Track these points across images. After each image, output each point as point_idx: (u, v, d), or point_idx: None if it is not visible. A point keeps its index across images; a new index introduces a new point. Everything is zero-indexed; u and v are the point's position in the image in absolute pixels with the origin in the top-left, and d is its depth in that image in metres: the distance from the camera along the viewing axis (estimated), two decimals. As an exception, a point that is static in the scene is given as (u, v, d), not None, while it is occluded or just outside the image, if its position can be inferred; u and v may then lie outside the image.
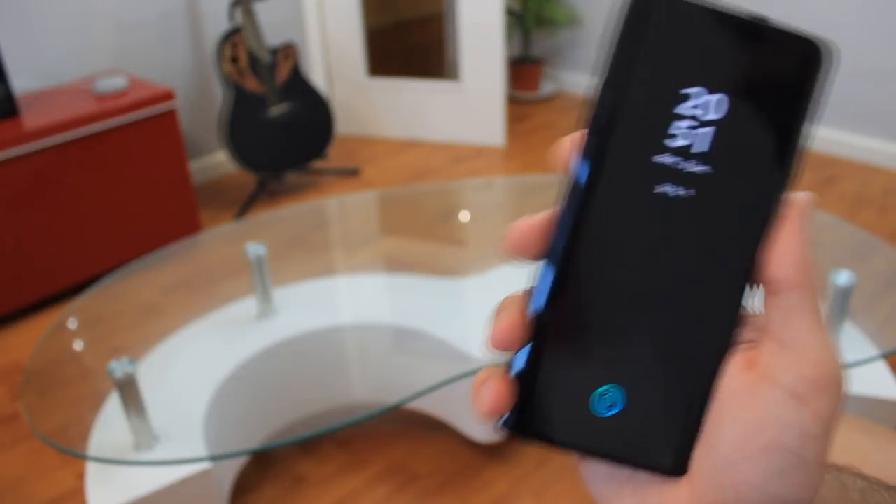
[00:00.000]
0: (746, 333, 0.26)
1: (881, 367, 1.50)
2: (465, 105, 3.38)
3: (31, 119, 2.23)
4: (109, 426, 1.42)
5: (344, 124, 3.49)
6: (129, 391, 1.30)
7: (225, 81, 2.71)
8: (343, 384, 1.76)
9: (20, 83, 2.45)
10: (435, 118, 3.45)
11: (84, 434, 1.41)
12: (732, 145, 0.25)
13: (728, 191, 0.25)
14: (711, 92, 0.24)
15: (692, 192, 0.25)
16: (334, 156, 3.28)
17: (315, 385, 1.73)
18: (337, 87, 3.49)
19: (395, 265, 2.04)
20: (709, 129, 0.24)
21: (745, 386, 0.25)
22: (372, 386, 1.75)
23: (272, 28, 3.03)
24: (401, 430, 1.83)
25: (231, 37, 2.69)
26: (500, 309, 0.27)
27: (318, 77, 3.40)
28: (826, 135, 3.19)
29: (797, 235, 0.25)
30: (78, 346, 1.76)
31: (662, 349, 0.26)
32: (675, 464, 0.26)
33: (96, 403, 1.49)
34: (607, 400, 0.26)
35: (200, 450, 1.36)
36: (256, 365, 1.60)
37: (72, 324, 1.77)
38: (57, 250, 2.31)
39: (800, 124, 0.25)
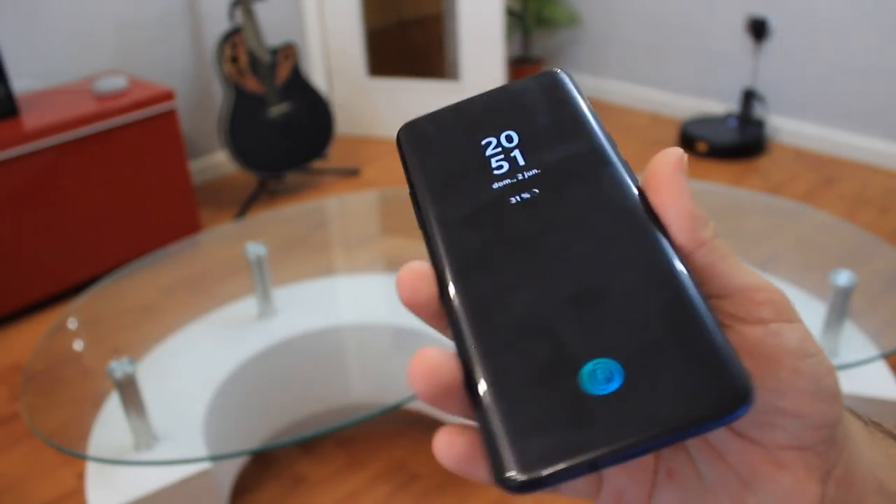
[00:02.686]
0: None
1: (881, 367, 1.50)
2: (465, 105, 3.38)
3: (31, 119, 2.23)
4: (109, 426, 1.42)
5: (344, 124, 3.49)
6: (129, 391, 1.30)
7: (225, 81, 2.71)
8: (343, 384, 1.76)
9: (20, 83, 2.45)
10: (435, 118, 3.44)
11: (84, 434, 1.41)
12: (540, 148, 0.28)
13: (566, 172, 0.27)
14: (499, 134, 0.29)
15: (536, 189, 0.27)
16: (334, 156, 3.28)
17: (315, 385, 1.73)
18: (337, 87, 3.49)
19: (395, 265, 2.04)
20: (517, 150, 0.28)
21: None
22: (372, 386, 1.75)
23: (272, 28, 3.03)
24: (401, 430, 1.83)
25: (231, 37, 2.69)
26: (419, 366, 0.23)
27: (318, 77, 3.40)
28: (826, 135, 3.19)
29: (675, 199, 0.25)
30: (78, 346, 1.76)
31: (616, 301, 0.23)
32: (738, 388, 0.21)
33: (96, 403, 1.49)
34: (599, 374, 0.22)
35: (200, 450, 1.36)
36: (256, 365, 1.60)
37: (72, 324, 1.77)
38: (57, 250, 2.31)
39: (576, 118, 0.29)
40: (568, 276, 0.24)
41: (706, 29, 3.41)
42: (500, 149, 0.28)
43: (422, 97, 3.44)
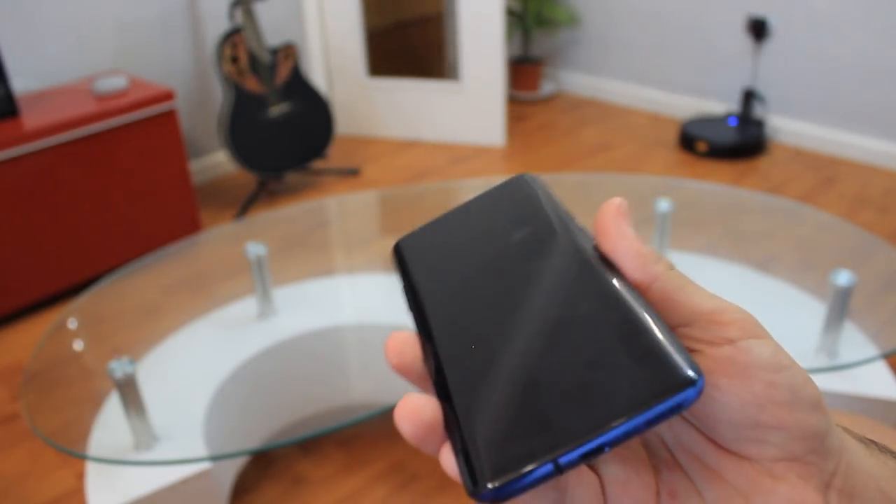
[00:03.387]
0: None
1: (881, 367, 1.50)
2: (465, 105, 3.38)
3: (31, 119, 2.23)
4: (109, 426, 1.42)
5: (344, 124, 3.49)
6: (129, 391, 1.30)
7: (225, 81, 2.71)
8: (343, 384, 1.76)
9: (20, 83, 2.45)
10: (435, 118, 3.45)
11: (84, 434, 1.41)
12: (522, 245, 0.31)
13: (535, 254, 0.30)
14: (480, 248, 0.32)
15: (506, 265, 0.30)
16: (334, 156, 3.28)
17: (315, 385, 1.73)
18: (337, 87, 3.49)
19: (395, 265, 2.03)
20: (496, 258, 0.32)
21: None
22: (372, 386, 1.75)
23: (272, 28, 3.03)
24: (401, 430, 1.82)
25: (231, 37, 2.69)
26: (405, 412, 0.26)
27: (318, 77, 3.40)
28: (826, 135, 3.19)
29: (621, 241, 0.27)
30: (78, 346, 1.76)
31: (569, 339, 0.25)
32: (681, 374, 0.23)
33: (96, 403, 1.49)
34: (555, 388, 0.24)
35: (200, 450, 1.36)
36: (256, 365, 1.60)
37: (72, 324, 1.77)
38: (57, 250, 2.31)
39: (544, 218, 0.31)
40: (530, 318, 0.27)
41: (706, 29, 3.41)
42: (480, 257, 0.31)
43: (422, 97, 3.44)
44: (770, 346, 0.25)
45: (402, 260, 0.34)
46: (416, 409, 0.25)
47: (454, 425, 0.25)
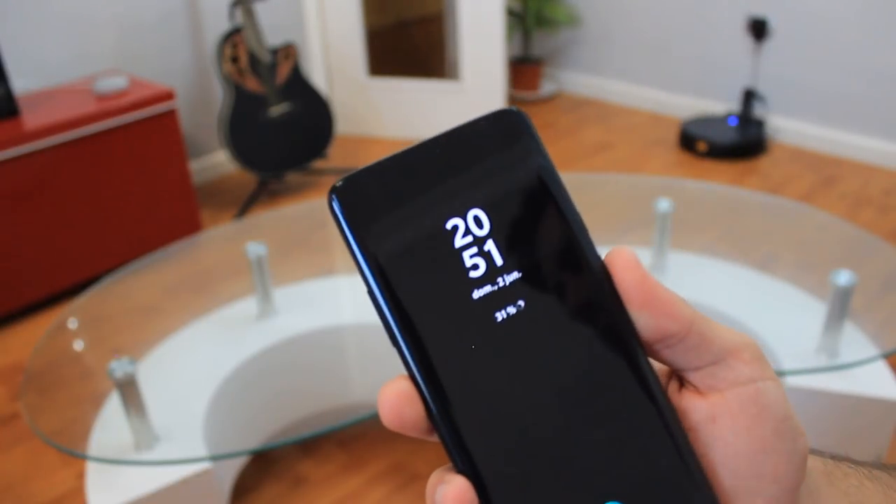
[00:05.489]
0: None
1: (881, 367, 1.50)
2: (465, 105, 3.38)
3: (31, 119, 2.23)
4: (109, 426, 1.41)
5: (344, 124, 3.49)
6: (129, 391, 1.30)
7: (225, 81, 2.71)
8: (343, 384, 1.76)
9: (20, 83, 2.45)
10: (435, 118, 3.45)
11: (84, 434, 1.41)
12: (517, 238, 0.25)
13: (548, 278, 0.25)
14: (463, 214, 0.25)
15: (522, 301, 0.25)
16: (334, 156, 3.28)
17: (315, 385, 1.73)
18: (337, 87, 3.49)
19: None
20: (490, 242, 0.25)
21: (714, 405, 0.26)
22: (372, 386, 1.75)
23: (272, 28, 3.03)
24: (401, 430, 1.83)
25: (231, 37, 2.69)
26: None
27: (318, 77, 3.40)
28: (826, 135, 3.19)
29: (646, 290, 0.25)
30: (78, 346, 1.76)
31: (606, 437, 0.25)
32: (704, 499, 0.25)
33: (96, 403, 1.49)
34: None
35: (200, 450, 1.36)
36: (256, 365, 1.60)
37: (72, 324, 1.77)
38: (57, 250, 2.31)
39: (552, 181, 0.26)
40: (560, 405, 0.25)
41: (706, 29, 3.41)
42: (470, 238, 0.25)
43: (422, 97, 3.44)
44: (781, 390, 0.26)
45: (358, 233, 0.25)
46: (399, 401, 0.25)
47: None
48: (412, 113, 3.47)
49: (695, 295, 1.71)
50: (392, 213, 0.25)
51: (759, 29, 3.18)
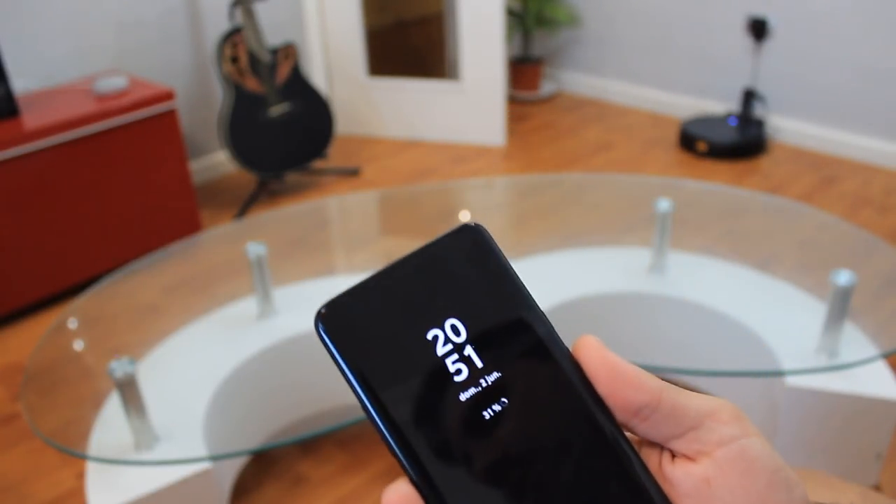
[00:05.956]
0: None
1: (881, 367, 1.50)
2: (465, 105, 3.38)
3: (31, 119, 2.23)
4: (109, 426, 1.42)
5: (344, 124, 3.49)
6: (129, 391, 1.30)
7: (225, 81, 2.71)
8: (343, 384, 1.76)
9: (20, 83, 2.45)
10: (435, 118, 3.45)
11: (84, 434, 1.41)
12: (491, 341, 0.27)
13: (525, 374, 0.27)
14: (441, 324, 0.27)
15: (505, 399, 0.27)
16: (334, 156, 3.28)
17: (315, 385, 1.73)
18: (337, 87, 3.49)
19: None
20: (469, 347, 0.27)
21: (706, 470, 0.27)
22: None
23: (272, 28, 3.03)
24: (401, 430, 1.82)
25: (231, 37, 2.69)
26: None
27: (318, 77, 3.40)
28: (826, 135, 3.19)
29: (609, 367, 0.27)
30: (78, 346, 1.76)
31: None
32: None
33: (96, 403, 1.49)
34: None
35: (200, 450, 1.36)
36: (256, 365, 1.60)
37: (72, 324, 1.77)
38: (57, 250, 2.31)
39: (511, 286, 0.28)
40: (550, 492, 0.27)
41: (706, 29, 3.41)
42: (450, 346, 0.27)
43: (422, 97, 3.44)
44: (767, 445, 0.27)
45: (348, 352, 0.27)
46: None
47: None
48: (412, 113, 3.47)
49: (695, 295, 1.72)
50: (376, 330, 0.27)
51: (759, 29, 3.18)
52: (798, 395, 1.45)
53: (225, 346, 1.62)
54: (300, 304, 1.74)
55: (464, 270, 0.28)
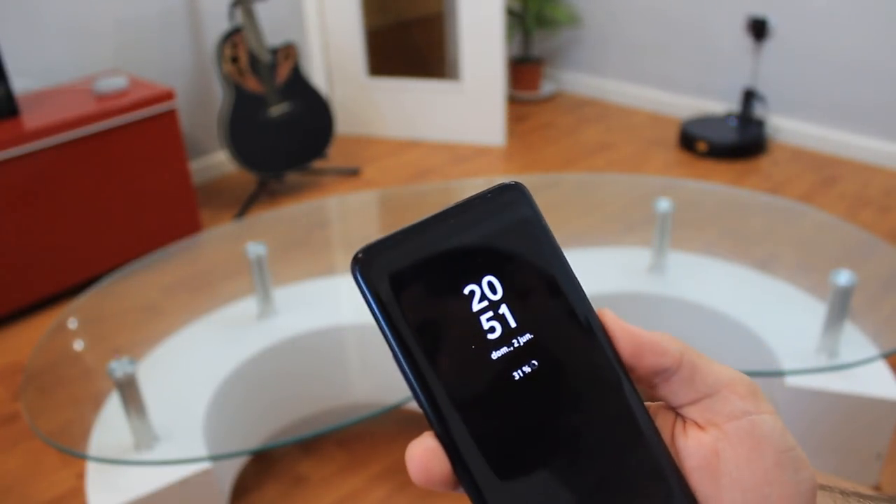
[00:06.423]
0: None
1: (881, 367, 1.50)
2: (465, 105, 3.38)
3: (31, 119, 2.23)
4: (109, 426, 1.42)
5: (344, 124, 3.49)
6: (129, 391, 1.30)
7: (225, 81, 2.71)
8: (343, 384, 1.76)
9: (20, 83, 2.45)
10: (435, 118, 3.45)
11: (84, 434, 1.41)
12: (526, 302, 0.28)
13: (556, 337, 0.28)
14: (478, 280, 0.27)
15: (536, 360, 0.27)
16: (334, 156, 3.28)
17: (315, 385, 1.73)
18: (337, 87, 3.49)
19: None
20: (504, 306, 0.27)
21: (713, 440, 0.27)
22: (372, 386, 1.75)
23: (272, 28, 3.03)
24: (401, 430, 1.83)
25: (231, 37, 2.69)
26: None
27: (318, 77, 3.40)
28: (826, 135, 3.19)
29: (633, 336, 0.28)
30: (78, 346, 1.76)
31: (608, 476, 0.27)
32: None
33: (96, 403, 1.49)
34: None
35: (200, 450, 1.36)
36: (256, 365, 1.60)
37: (72, 324, 1.77)
38: (57, 250, 2.31)
39: (549, 248, 0.29)
40: (572, 453, 0.27)
41: (706, 29, 3.41)
42: (486, 302, 0.27)
43: (422, 97, 3.44)
44: (779, 423, 0.27)
45: (377, 295, 0.27)
46: (426, 463, 0.26)
47: None
48: (412, 113, 3.47)
49: (695, 295, 1.72)
50: (412, 280, 0.27)
51: (759, 29, 3.18)
52: (798, 395, 1.45)
53: (225, 346, 1.62)
54: (300, 304, 1.74)
55: (503, 228, 0.28)
